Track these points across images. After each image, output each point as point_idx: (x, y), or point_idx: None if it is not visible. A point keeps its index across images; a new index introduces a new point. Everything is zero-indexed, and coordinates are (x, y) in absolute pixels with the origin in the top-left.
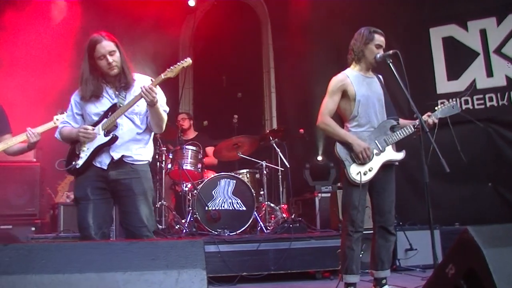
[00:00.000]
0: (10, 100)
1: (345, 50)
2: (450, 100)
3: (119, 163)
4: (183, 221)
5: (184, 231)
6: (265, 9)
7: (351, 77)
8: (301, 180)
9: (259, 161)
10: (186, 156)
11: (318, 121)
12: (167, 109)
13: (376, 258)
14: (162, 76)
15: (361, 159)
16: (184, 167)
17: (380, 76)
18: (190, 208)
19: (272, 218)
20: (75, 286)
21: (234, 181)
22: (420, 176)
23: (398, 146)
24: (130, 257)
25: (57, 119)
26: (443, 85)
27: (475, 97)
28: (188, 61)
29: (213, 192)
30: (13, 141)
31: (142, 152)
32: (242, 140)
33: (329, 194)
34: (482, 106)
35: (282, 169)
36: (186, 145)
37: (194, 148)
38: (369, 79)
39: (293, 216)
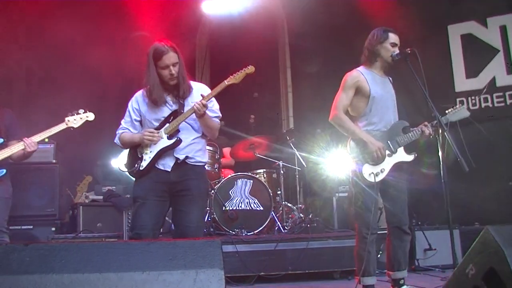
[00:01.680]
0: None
1: (360, 48)
2: (460, 105)
3: (182, 165)
4: None
5: None
6: (281, 8)
7: (365, 74)
8: (318, 180)
9: (276, 161)
10: None
11: (332, 115)
12: (219, 114)
13: (392, 259)
14: (226, 82)
15: (375, 159)
16: (206, 171)
17: (390, 78)
18: (207, 208)
19: (293, 216)
20: (94, 285)
21: (251, 181)
22: (439, 175)
23: (410, 148)
24: (149, 257)
25: (68, 121)
26: (461, 83)
27: (494, 95)
28: (251, 68)
29: (230, 192)
30: (12, 151)
31: (201, 154)
32: (259, 140)
33: (346, 194)
34: (502, 104)
35: (299, 168)
36: None
37: (211, 148)
38: (383, 79)
39: (310, 216)
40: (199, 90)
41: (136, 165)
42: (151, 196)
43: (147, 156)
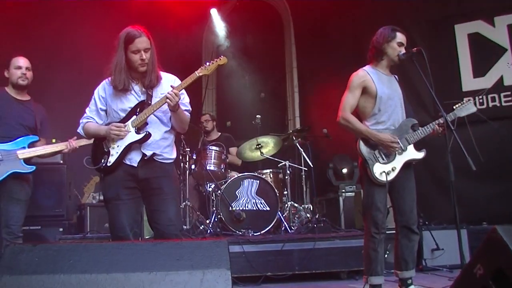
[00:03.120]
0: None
1: (366, 48)
2: (468, 100)
3: (149, 161)
4: (207, 221)
5: (209, 231)
6: (288, 8)
7: (371, 74)
8: (324, 180)
9: (282, 161)
10: (210, 156)
11: (339, 116)
12: (190, 108)
13: (400, 258)
14: (196, 74)
15: (392, 152)
16: (207, 168)
17: (396, 77)
18: (214, 209)
19: (299, 217)
20: (102, 286)
21: (258, 181)
22: (446, 175)
23: (419, 145)
24: (155, 258)
25: None
26: (468, 82)
27: (502, 94)
28: (223, 59)
29: (236, 193)
30: (52, 149)
31: (169, 150)
32: (265, 140)
33: (353, 194)
34: (510, 103)
35: (306, 169)
36: (210, 145)
37: (217, 148)
38: (389, 77)
39: (317, 216)
40: (168, 81)
41: (103, 160)
42: (123, 195)
43: (115, 151)
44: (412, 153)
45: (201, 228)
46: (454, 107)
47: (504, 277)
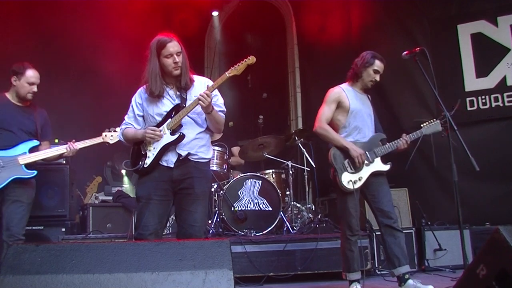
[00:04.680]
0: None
1: (370, 49)
2: (434, 120)
3: (184, 162)
4: (209, 221)
5: (211, 231)
6: (290, 9)
7: (346, 91)
8: (327, 180)
9: (284, 161)
10: (212, 156)
11: (316, 126)
12: (224, 109)
13: (391, 256)
14: (227, 74)
15: (357, 164)
16: (210, 168)
17: (369, 96)
18: (216, 209)
19: (302, 217)
20: (105, 285)
21: (260, 182)
22: (449, 175)
23: (386, 158)
24: (158, 258)
25: (105, 135)
26: (471, 82)
27: (505, 94)
28: (252, 58)
29: (239, 193)
30: (53, 153)
31: (204, 150)
32: (268, 141)
33: None
34: None
35: (308, 169)
36: (212, 146)
37: (220, 149)
38: (362, 96)
39: (319, 216)
40: (201, 83)
41: (140, 162)
42: (155, 196)
43: (151, 153)
44: (378, 166)
45: None
46: (422, 125)
47: (507, 277)
